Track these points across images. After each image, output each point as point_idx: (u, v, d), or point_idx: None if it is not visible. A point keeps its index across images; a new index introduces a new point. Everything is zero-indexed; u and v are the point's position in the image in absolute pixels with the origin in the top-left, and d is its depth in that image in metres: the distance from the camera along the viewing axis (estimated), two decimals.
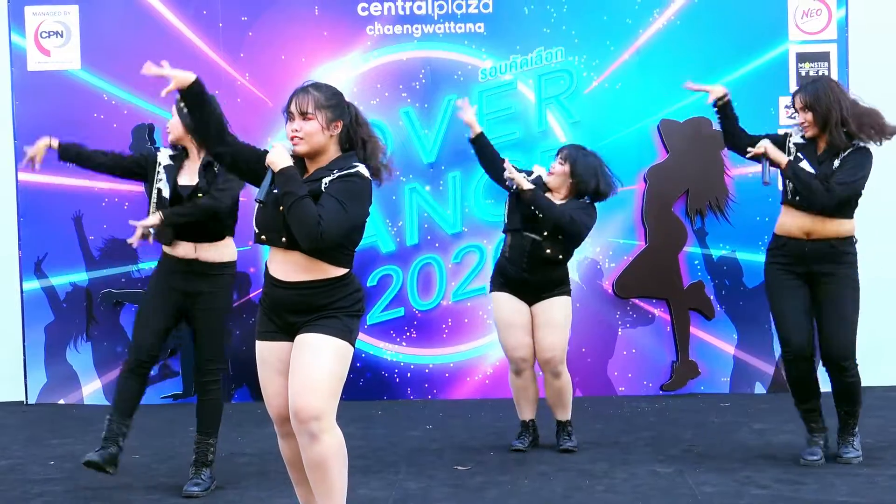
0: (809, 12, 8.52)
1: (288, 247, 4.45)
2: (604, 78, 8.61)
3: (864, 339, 8.54)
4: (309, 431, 4.43)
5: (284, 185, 4.42)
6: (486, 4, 8.62)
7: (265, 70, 8.65)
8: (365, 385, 8.65)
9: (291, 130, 4.58)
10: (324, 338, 4.47)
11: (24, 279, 8.65)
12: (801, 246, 6.21)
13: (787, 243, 6.27)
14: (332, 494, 4.52)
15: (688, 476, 6.06)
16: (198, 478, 5.89)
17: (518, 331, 6.69)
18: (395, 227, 8.63)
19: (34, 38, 8.62)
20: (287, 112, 4.65)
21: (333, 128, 4.66)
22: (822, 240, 6.19)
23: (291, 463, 4.76)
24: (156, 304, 6.01)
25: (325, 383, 4.45)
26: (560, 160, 6.69)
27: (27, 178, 8.56)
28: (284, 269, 4.50)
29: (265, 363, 4.63)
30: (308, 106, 4.60)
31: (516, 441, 6.80)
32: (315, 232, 4.31)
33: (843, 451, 6.32)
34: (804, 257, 6.21)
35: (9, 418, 8.31)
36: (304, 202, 4.35)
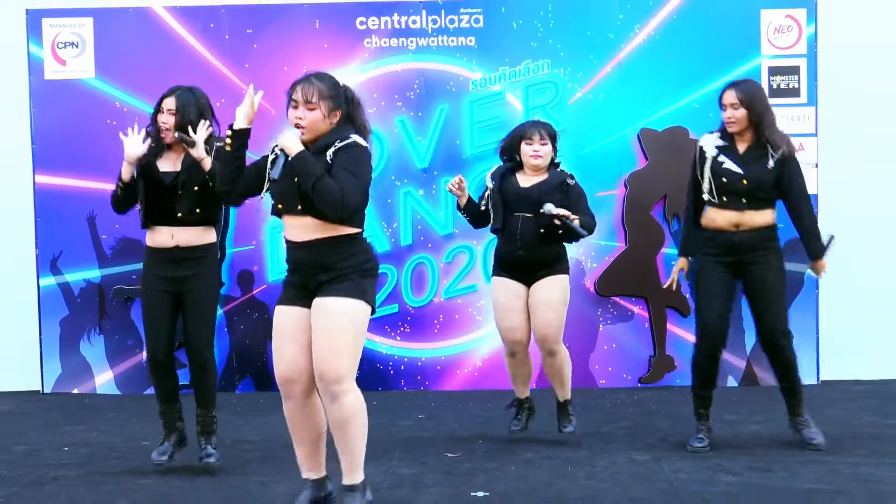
0: (781, 28, 8.54)
1: (303, 213, 4.74)
2: (587, 89, 8.62)
3: (829, 337, 8.65)
4: (331, 392, 4.73)
5: (303, 167, 4.69)
6: (477, 19, 8.63)
7: (269, 80, 8.60)
8: (361, 377, 8.54)
9: (295, 118, 4.84)
10: (338, 300, 4.74)
11: (40, 276, 8.65)
12: (730, 237, 6.25)
13: (715, 237, 6.29)
14: (353, 451, 4.83)
15: (664, 464, 6.08)
16: (210, 447, 6.03)
17: (513, 313, 6.44)
18: (389, 229, 8.64)
19: (51, 49, 8.62)
20: (291, 99, 4.87)
21: (333, 116, 4.89)
22: (749, 230, 6.25)
23: (293, 423, 5.03)
24: (153, 306, 5.99)
25: (343, 347, 4.73)
26: (541, 141, 6.38)
27: (44, 181, 8.57)
28: (301, 231, 4.79)
29: (279, 331, 4.89)
30: (312, 96, 4.84)
31: (513, 423, 6.70)
32: (340, 204, 4.64)
33: (810, 437, 6.35)
34: (735, 248, 6.25)
35: (26, 406, 8.31)
36: (325, 180, 4.65)
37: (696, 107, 8.52)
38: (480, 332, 8.66)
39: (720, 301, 6.32)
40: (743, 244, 6.26)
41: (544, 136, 6.42)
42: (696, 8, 8.57)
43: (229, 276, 8.60)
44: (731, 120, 6.25)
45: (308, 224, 4.77)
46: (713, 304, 6.31)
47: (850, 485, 5.56)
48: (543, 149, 6.40)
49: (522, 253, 6.37)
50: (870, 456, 6.17)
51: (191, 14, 8.66)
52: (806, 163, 8.46)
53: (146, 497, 5.59)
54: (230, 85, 8.56)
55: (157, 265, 5.97)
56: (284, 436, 6.07)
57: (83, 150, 8.56)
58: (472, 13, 8.63)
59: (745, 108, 6.20)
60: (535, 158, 6.39)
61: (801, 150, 8.45)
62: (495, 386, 8.58)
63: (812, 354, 8.50)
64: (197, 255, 5.97)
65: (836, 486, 5.54)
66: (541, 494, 5.51)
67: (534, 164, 6.41)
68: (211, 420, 6.09)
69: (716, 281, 6.31)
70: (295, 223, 4.81)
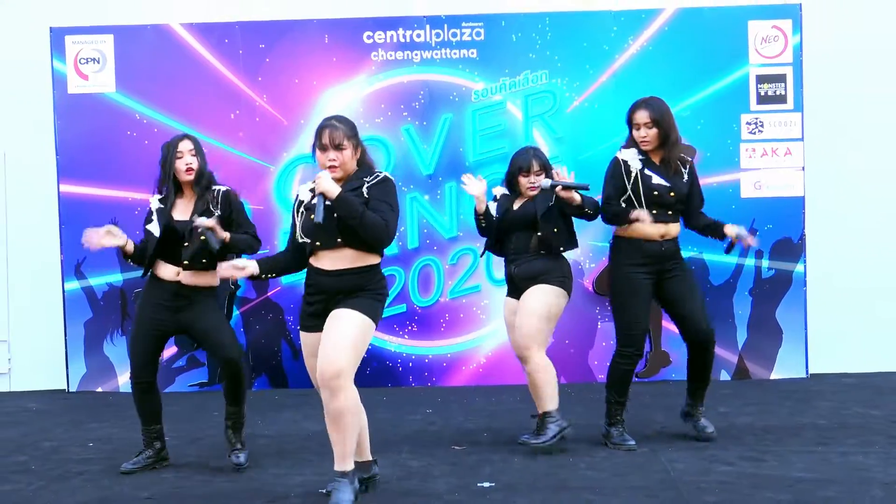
0: (768, 38, 8.53)
1: (342, 246, 5.01)
2: (584, 98, 8.61)
3: (818, 332, 8.63)
4: (329, 387, 4.87)
5: (348, 206, 4.93)
6: (479, 32, 8.62)
7: (281, 92, 8.65)
8: (371, 374, 8.64)
9: (328, 160, 5.06)
10: (350, 312, 4.97)
11: (65, 280, 8.65)
12: (658, 246, 6.18)
13: (643, 245, 6.16)
14: (344, 442, 4.96)
15: (661, 454, 6.06)
16: (240, 443, 6.02)
17: (512, 330, 6.35)
18: (397, 232, 8.62)
19: (73, 64, 8.62)
20: (320, 143, 5.08)
21: (357, 153, 5.17)
22: (671, 239, 6.23)
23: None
24: (146, 332, 5.85)
25: (345, 348, 4.89)
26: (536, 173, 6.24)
27: (68, 190, 8.57)
28: (336, 262, 5.04)
29: (307, 348, 5.16)
30: (342, 139, 5.08)
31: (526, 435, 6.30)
32: (385, 233, 5.01)
33: (703, 427, 6.37)
34: (661, 256, 6.18)
35: (52, 404, 8.31)
36: (368, 214, 4.95)
37: (687, 114, 8.49)
38: (485, 330, 8.65)
39: (647, 309, 6.26)
40: (668, 253, 6.20)
41: (539, 168, 6.29)
42: (686, 20, 8.56)
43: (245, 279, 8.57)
44: (645, 139, 6.17)
45: (346, 255, 5.04)
46: (641, 311, 6.20)
47: (840, 473, 5.54)
48: (539, 179, 6.27)
49: (514, 268, 6.29)
50: (858, 445, 6.15)
51: (206, 30, 8.66)
52: (793, 166, 8.50)
53: (167, 490, 5.58)
54: (244, 97, 8.56)
55: (159, 295, 5.84)
56: (298, 431, 6.09)
57: (105, 161, 8.57)
58: (473, 27, 8.63)
59: (656, 126, 6.14)
60: (532, 190, 6.30)
61: (788, 154, 8.49)
62: (499, 381, 8.57)
63: (801, 349, 8.48)
64: (199, 295, 5.88)
65: (826, 474, 5.52)
66: (544, 484, 5.50)
67: (532, 195, 6.31)
68: (242, 415, 6.04)
69: (643, 289, 6.18)
70: (332, 255, 5.05)
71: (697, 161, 8.48)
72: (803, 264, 8.47)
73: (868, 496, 5.12)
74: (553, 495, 5.28)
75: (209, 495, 5.46)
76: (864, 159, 8.90)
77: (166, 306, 5.84)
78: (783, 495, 5.16)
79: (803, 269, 8.47)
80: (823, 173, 8.72)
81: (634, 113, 6.21)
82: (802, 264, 8.47)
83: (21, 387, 9.02)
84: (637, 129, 6.19)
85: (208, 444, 6.60)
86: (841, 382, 8.36)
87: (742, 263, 8.56)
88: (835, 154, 8.80)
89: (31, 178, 8.95)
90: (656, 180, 6.17)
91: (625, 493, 5.29)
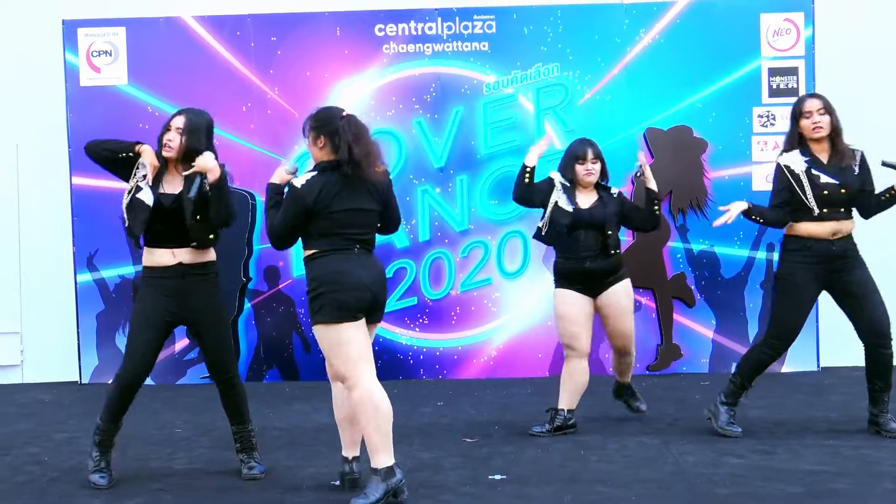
0: (780, 31, 8.50)
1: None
2: (595, 91, 8.59)
3: (829, 324, 8.60)
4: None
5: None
6: (490, 25, 8.61)
7: (292, 85, 8.66)
8: (382, 366, 8.64)
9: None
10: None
11: (77, 272, 8.68)
12: (828, 245, 6.08)
13: (813, 245, 6.08)
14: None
15: (672, 447, 6.06)
16: (252, 461, 5.62)
17: (579, 324, 6.37)
18: (408, 225, 8.63)
19: (86, 57, 8.64)
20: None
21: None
22: (844, 237, 6.13)
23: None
24: (149, 330, 5.50)
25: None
26: (593, 159, 6.41)
27: (80, 182, 8.59)
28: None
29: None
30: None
31: (537, 426, 6.49)
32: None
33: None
34: (832, 256, 6.09)
35: (65, 396, 8.34)
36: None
37: (699, 106, 8.49)
38: (496, 323, 8.65)
39: (807, 309, 6.18)
40: (840, 252, 6.10)
41: (594, 156, 6.43)
42: (698, 13, 8.54)
43: (256, 271, 8.61)
44: (818, 125, 6.09)
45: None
46: (799, 311, 6.14)
47: (851, 466, 5.53)
48: (595, 167, 6.43)
49: (590, 264, 6.35)
50: (869, 438, 6.14)
51: (218, 23, 8.67)
52: None
53: (179, 481, 5.60)
54: (256, 90, 8.57)
55: (161, 287, 5.49)
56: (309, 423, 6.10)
57: None
58: (485, 20, 8.62)
59: (829, 114, 6.11)
60: (588, 176, 6.42)
61: None
62: (510, 374, 8.57)
63: (812, 342, 8.46)
64: (201, 272, 5.53)
65: (838, 467, 5.51)
66: (555, 476, 5.50)
67: (587, 182, 6.44)
68: (249, 435, 5.68)
69: (806, 288, 6.11)
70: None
71: (709, 154, 8.48)
72: None
73: (879, 489, 5.12)
74: (564, 487, 5.28)
75: (221, 487, 5.48)
76: (876, 152, 8.84)
77: (171, 300, 5.49)
78: (794, 488, 5.15)
79: None
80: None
81: (804, 102, 6.20)
82: None
83: (34, 378, 9.05)
84: (808, 116, 6.12)
85: (220, 435, 6.61)
86: (852, 376, 8.33)
87: (753, 257, 8.55)
88: None
89: (43, 171, 8.98)
90: (825, 179, 6.07)
91: (636, 485, 5.29)
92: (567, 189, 6.44)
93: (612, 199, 6.48)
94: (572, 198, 6.42)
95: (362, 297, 5.02)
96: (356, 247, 5.09)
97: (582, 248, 6.35)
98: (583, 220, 6.35)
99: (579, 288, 6.41)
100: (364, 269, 5.05)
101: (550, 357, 8.61)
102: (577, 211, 6.37)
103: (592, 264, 6.35)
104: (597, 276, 6.38)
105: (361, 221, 5.13)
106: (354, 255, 5.06)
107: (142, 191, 5.48)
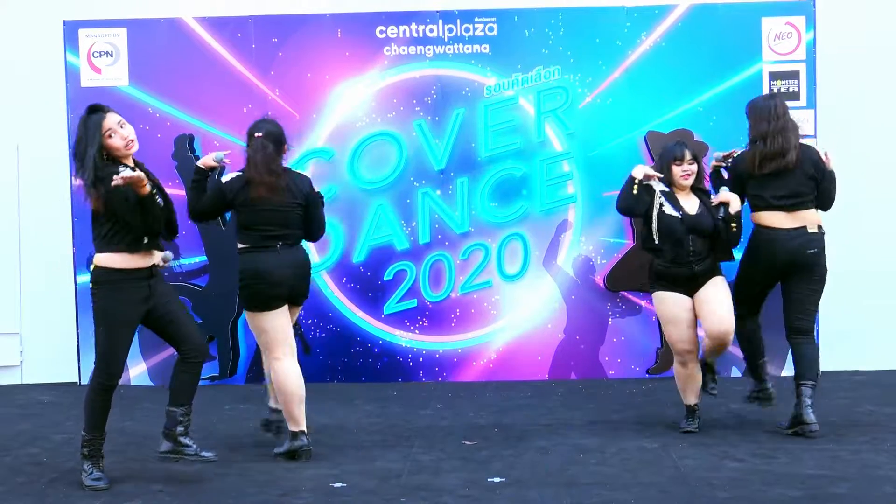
0: (781, 35, 8.51)
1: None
2: (596, 94, 8.59)
3: (829, 328, 8.62)
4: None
5: None
6: (491, 27, 8.61)
7: (293, 86, 8.66)
8: (382, 368, 8.66)
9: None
10: None
11: (77, 273, 8.67)
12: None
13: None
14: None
15: (671, 451, 6.06)
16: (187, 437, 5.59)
17: (685, 326, 6.44)
18: (409, 227, 8.63)
19: (87, 58, 8.64)
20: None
21: None
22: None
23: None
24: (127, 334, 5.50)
25: None
26: (690, 160, 6.52)
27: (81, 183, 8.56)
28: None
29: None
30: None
31: (686, 423, 6.57)
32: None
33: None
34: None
35: (64, 397, 8.34)
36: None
37: (700, 110, 8.49)
38: (495, 326, 8.65)
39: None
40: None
41: (691, 157, 6.52)
42: (699, 16, 8.54)
43: None
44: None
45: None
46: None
47: (851, 470, 5.54)
48: (692, 168, 6.51)
49: (697, 268, 6.43)
50: (869, 443, 6.15)
51: (219, 24, 8.67)
52: None
53: (179, 483, 5.60)
54: (257, 91, 8.58)
55: (136, 290, 5.45)
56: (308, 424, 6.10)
57: None
58: (486, 22, 8.62)
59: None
60: (686, 178, 6.50)
61: None
62: (510, 377, 8.57)
63: None
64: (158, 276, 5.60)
65: (837, 471, 5.52)
66: (554, 479, 5.51)
67: (683, 184, 6.52)
68: (190, 414, 5.65)
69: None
70: None
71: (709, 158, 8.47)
72: None
73: (879, 493, 5.13)
74: (563, 490, 5.29)
75: (221, 489, 5.48)
76: (877, 157, 8.88)
77: (142, 297, 5.47)
78: (794, 492, 5.16)
79: None
80: (836, 171, 8.67)
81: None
82: None
83: (33, 379, 9.05)
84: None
85: (220, 437, 6.62)
86: (852, 380, 8.35)
87: None
88: (848, 151, 8.75)
89: (44, 172, 8.97)
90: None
91: (635, 488, 5.30)
92: (668, 195, 6.50)
93: (711, 204, 6.58)
94: (675, 203, 6.49)
95: (279, 293, 5.96)
96: (279, 244, 5.94)
97: (692, 252, 6.42)
98: (695, 226, 6.43)
99: (682, 290, 6.49)
100: (283, 265, 5.92)
101: (550, 360, 8.61)
102: (686, 217, 6.44)
103: (699, 267, 6.43)
104: (700, 279, 6.46)
105: (280, 220, 5.95)
106: (275, 252, 5.93)
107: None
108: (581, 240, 8.61)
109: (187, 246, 8.58)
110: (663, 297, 6.52)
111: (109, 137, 5.54)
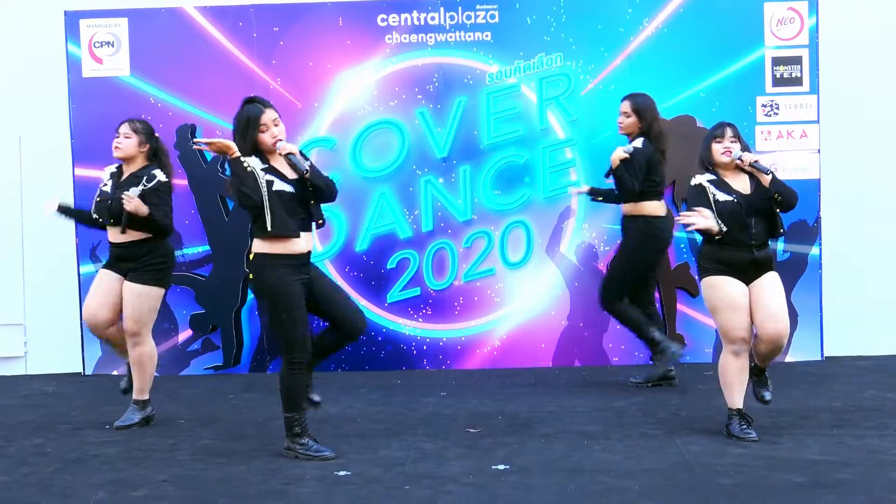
0: (784, 20, 8.47)
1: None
2: (599, 80, 8.57)
3: (833, 314, 8.60)
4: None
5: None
6: (493, 15, 8.59)
7: (295, 75, 8.64)
8: (386, 357, 8.65)
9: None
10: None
11: (80, 263, 8.67)
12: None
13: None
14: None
15: (676, 437, 6.05)
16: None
17: (741, 314, 5.91)
18: (411, 216, 8.62)
19: (88, 48, 8.62)
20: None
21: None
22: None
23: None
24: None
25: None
26: (732, 138, 6.09)
27: (83, 173, 8.58)
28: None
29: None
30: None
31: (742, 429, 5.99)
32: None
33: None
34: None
35: (68, 387, 8.34)
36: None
37: (702, 96, 8.47)
38: (499, 314, 8.64)
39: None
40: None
41: (733, 135, 6.10)
42: (702, 2, 8.51)
43: None
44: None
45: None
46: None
47: (855, 455, 5.52)
48: (733, 146, 6.06)
49: (757, 254, 5.98)
50: (873, 428, 6.13)
51: (220, 13, 8.65)
52: (808, 149, 8.46)
53: (183, 473, 5.60)
54: (258, 81, 8.55)
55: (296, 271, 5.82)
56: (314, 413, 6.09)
57: None
58: (487, 9, 8.59)
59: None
60: (725, 155, 6.05)
61: (804, 136, 8.45)
62: (513, 364, 8.57)
63: (816, 332, 8.45)
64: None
65: (842, 457, 5.51)
66: (558, 466, 5.49)
67: (723, 161, 6.07)
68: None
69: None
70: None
71: None
72: (819, 247, 8.43)
73: (884, 478, 5.11)
74: (568, 478, 5.28)
75: (225, 478, 5.48)
76: (881, 142, 8.85)
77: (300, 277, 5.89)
78: (798, 478, 5.15)
79: (819, 252, 8.43)
80: (839, 156, 8.68)
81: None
82: (818, 247, 8.43)
83: (37, 370, 9.06)
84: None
85: (224, 426, 6.62)
86: (856, 365, 8.34)
87: None
88: (851, 136, 8.76)
89: (46, 162, 8.96)
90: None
91: (640, 475, 5.28)
92: (716, 182, 6.07)
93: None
94: (726, 189, 6.03)
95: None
96: None
97: (754, 236, 5.99)
98: (753, 206, 5.98)
99: (741, 278, 6.00)
100: None
101: (554, 347, 8.60)
102: (741, 197, 5.99)
103: (760, 253, 6.01)
104: (760, 266, 6.01)
105: None
106: None
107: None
108: (584, 227, 8.59)
109: (190, 236, 8.56)
110: (719, 282, 6.01)
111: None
